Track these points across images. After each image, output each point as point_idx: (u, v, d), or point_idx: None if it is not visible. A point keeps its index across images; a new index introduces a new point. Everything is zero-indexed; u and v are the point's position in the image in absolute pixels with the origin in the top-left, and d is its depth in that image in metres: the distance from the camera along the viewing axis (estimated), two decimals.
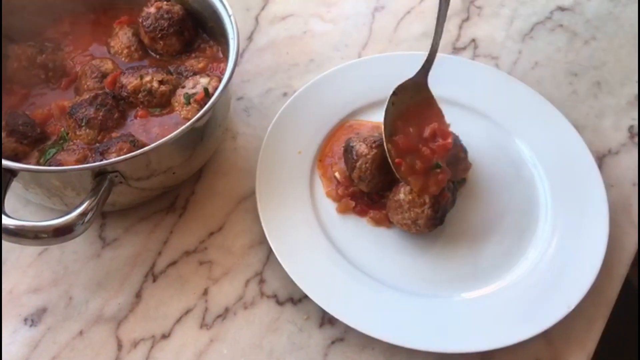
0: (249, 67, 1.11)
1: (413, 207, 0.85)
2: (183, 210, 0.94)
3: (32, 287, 0.86)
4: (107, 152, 0.83)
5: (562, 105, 1.04)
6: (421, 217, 0.85)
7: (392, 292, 0.85)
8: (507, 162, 0.99)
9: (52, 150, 0.86)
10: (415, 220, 0.86)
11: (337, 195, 0.93)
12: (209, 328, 0.84)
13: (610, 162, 1.01)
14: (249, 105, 1.06)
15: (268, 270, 0.89)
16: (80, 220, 0.74)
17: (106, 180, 0.77)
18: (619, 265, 0.90)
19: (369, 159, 0.88)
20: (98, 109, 0.87)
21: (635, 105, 1.09)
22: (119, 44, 0.97)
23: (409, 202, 0.86)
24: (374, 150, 0.88)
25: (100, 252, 0.90)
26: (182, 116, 0.90)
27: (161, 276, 0.88)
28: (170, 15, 0.95)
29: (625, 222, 0.95)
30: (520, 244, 0.91)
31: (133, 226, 0.92)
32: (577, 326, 0.85)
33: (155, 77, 0.91)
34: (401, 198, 0.86)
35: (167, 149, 0.82)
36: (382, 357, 0.82)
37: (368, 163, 0.88)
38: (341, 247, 0.89)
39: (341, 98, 1.02)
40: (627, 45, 1.17)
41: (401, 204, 0.86)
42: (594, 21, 1.20)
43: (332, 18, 1.20)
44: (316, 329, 0.84)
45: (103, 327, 0.83)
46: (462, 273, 0.88)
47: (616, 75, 1.13)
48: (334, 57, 1.13)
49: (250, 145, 1.00)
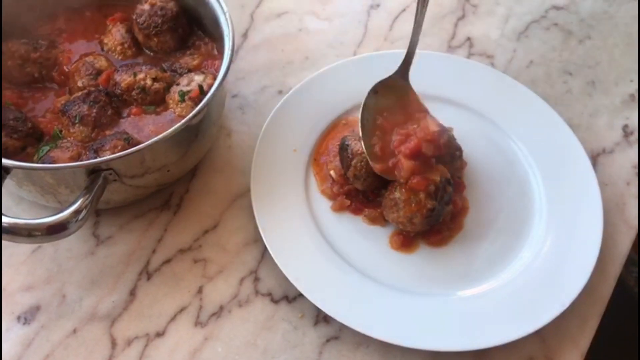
0: (243, 65, 1.11)
1: (408, 205, 0.85)
2: (177, 208, 0.94)
3: (26, 285, 0.86)
4: (101, 149, 0.83)
5: (556, 104, 1.04)
6: (417, 215, 0.85)
7: (387, 290, 0.85)
8: (501, 160, 0.99)
9: (45, 148, 0.86)
10: (410, 218, 0.86)
11: (332, 193, 0.93)
12: (204, 326, 0.84)
13: (604, 161, 1.02)
14: (243, 102, 1.06)
15: (263, 268, 0.89)
16: (74, 218, 0.74)
17: (100, 178, 0.77)
18: (613, 264, 0.90)
19: (364, 158, 0.88)
20: (91, 105, 0.87)
21: (629, 104, 1.09)
22: (113, 41, 0.96)
23: (404, 201, 0.86)
24: None
25: (94, 250, 0.89)
26: (176, 114, 0.89)
27: (155, 274, 0.88)
28: (164, 12, 0.95)
29: (619, 221, 0.95)
30: (515, 242, 0.91)
31: (127, 224, 0.92)
32: (571, 325, 0.85)
33: (149, 74, 0.91)
34: (397, 196, 0.86)
35: (162, 147, 0.82)
36: (377, 355, 0.82)
37: (363, 162, 0.88)
38: (336, 245, 0.89)
39: (336, 96, 1.02)
40: (622, 45, 1.17)
41: (397, 202, 0.86)
42: (589, 20, 1.21)
43: (327, 16, 1.20)
44: (311, 327, 0.84)
45: (97, 325, 0.83)
46: (457, 271, 0.88)
47: (610, 75, 1.13)
48: (329, 55, 1.13)
49: (245, 143, 1.00)
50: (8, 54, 0.91)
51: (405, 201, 0.86)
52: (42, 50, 0.93)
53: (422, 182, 0.85)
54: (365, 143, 0.88)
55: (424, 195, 0.85)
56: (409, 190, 0.86)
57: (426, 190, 0.85)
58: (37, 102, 0.92)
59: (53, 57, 0.94)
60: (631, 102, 1.09)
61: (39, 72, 0.93)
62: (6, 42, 0.92)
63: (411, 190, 0.86)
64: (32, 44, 0.93)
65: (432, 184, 0.86)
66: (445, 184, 0.88)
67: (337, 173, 0.94)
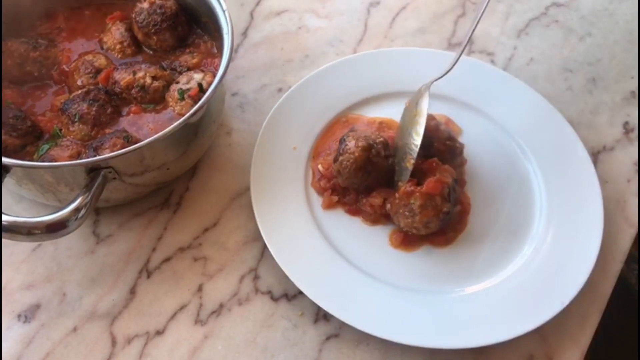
0: (243, 63, 1.11)
1: (425, 210, 0.84)
2: (177, 207, 0.94)
3: (26, 283, 0.86)
4: (101, 147, 0.83)
5: (557, 102, 1.04)
6: (433, 219, 0.85)
7: (387, 287, 0.85)
8: (502, 158, 0.99)
9: (45, 146, 0.86)
10: (427, 223, 0.85)
11: (319, 188, 0.93)
12: (204, 324, 0.84)
13: (605, 158, 1.01)
14: (243, 101, 1.06)
15: (262, 266, 0.89)
16: (73, 216, 0.74)
17: (100, 176, 0.77)
18: (613, 262, 0.90)
19: (351, 158, 0.88)
20: (91, 104, 0.87)
21: (629, 101, 1.09)
22: (112, 39, 0.96)
23: (420, 206, 0.84)
24: (359, 152, 0.88)
25: (94, 248, 0.89)
26: (176, 112, 0.89)
27: (155, 272, 0.88)
28: (164, 11, 0.95)
29: (620, 218, 0.95)
30: (515, 240, 0.91)
31: (127, 222, 0.92)
32: (571, 322, 0.85)
33: (149, 72, 0.91)
34: (411, 202, 0.85)
35: (161, 145, 0.82)
36: (377, 352, 0.82)
37: (349, 161, 0.88)
38: (336, 243, 0.89)
39: (336, 94, 1.02)
40: (622, 42, 1.17)
41: (412, 208, 0.85)
42: (589, 17, 1.20)
43: (327, 14, 1.19)
44: (311, 325, 0.84)
45: (97, 323, 0.83)
46: (457, 269, 0.88)
47: (611, 72, 1.13)
48: (329, 53, 1.13)
49: (245, 141, 1.00)
50: (7, 53, 0.91)
51: (421, 206, 0.85)
52: (41, 49, 0.93)
53: (437, 186, 0.85)
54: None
55: (440, 199, 0.85)
56: (424, 195, 0.85)
57: (441, 193, 0.85)
58: (37, 100, 0.92)
59: (52, 56, 0.94)
60: (632, 99, 1.09)
61: (38, 71, 0.93)
62: (6, 42, 0.92)
63: (427, 195, 0.85)
64: (32, 43, 0.93)
65: (446, 186, 0.86)
66: (455, 185, 0.88)
67: (324, 167, 0.94)
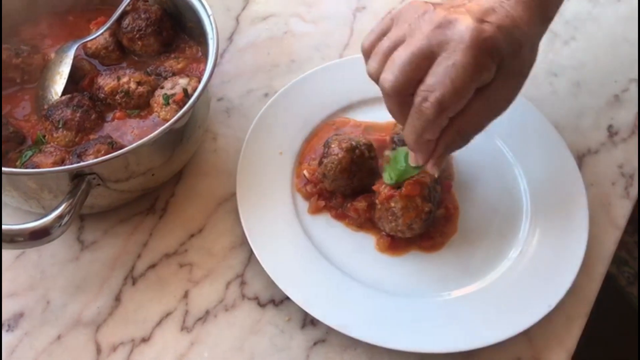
0: (229, 68, 1.10)
1: (407, 212, 0.84)
2: (163, 212, 0.93)
3: (9, 291, 0.85)
4: (85, 154, 0.82)
5: (542, 105, 1.04)
6: (416, 220, 0.85)
7: (374, 292, 0.85)
8: (487, 162, 0.99)
9: (28, 153, 0.85)
10: (410, 225, 0.85)
11: (306, 192, 0.93)
12: (190, 331, 0.83)
13: (589, 161, 1.02)
14: (229, 106, 1.05)
15: (249, 272, 0.88)
16: (57, 223, 0.73)
17: (84, 183, 0.76)
18: (599, 264, 0.91)
19: (335, 160, 0.88)
20: (75, 110, 0.86)
21: (613, 104, 1.09)
22: (96, 44, 0.96)
23: (402, 208, 0.85)
24: (343, 153, 0.88)
25: (79, 255, 0.88)
26: (161, 117, 0.89)
27: (141, 279, 0.87)
28: (148, 16, 0.94)
29: (605, 220, 0.95)
30: (501, 244, 0.91)
31: (112, 228, 0.91)
32: (558, 324, 0.85)
33: (133, 78, 0.90)
34: (392, 206, 0.85)
35: (146, 151, 0.81)
36: (364, 357, 0.82)
37: (334, 163, 0.88)
38: (323, 248, 0.89)
39: (322, 98, 1.02)
40: (606, 46, 1.18)
41: (393, 211, 0.85)
42: (573, 22, 1.21)
43: (313, 18, 1.19)
44: (298, 330, 0.84)
45: (81, 331, 0.82)
46: (443, 273, 0.88)
47: (595, 76, 1.13)
48: (315, 58, 1.13)
49: (231, 147, 1.00)
50: None
51: (402, 209, 0.85)
52: (24, 55, 0.92)
53: (416, 187, 0.85)
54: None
55: (420, 200, 0.85)
56: (404, 198, 0.85)
57: (421, 194, 0.85)
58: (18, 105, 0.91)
59: (35, 62, 0.93)
60: (615, 102, 1.10)
61: (20, 78, 0.92)
62: None
63: (407, 197, 0.85)
64: (14, 49, 0.92)
65: (425, 186, 0.86)
66: (434, 184, 0.88)
67: (310, 173, 0.94)
